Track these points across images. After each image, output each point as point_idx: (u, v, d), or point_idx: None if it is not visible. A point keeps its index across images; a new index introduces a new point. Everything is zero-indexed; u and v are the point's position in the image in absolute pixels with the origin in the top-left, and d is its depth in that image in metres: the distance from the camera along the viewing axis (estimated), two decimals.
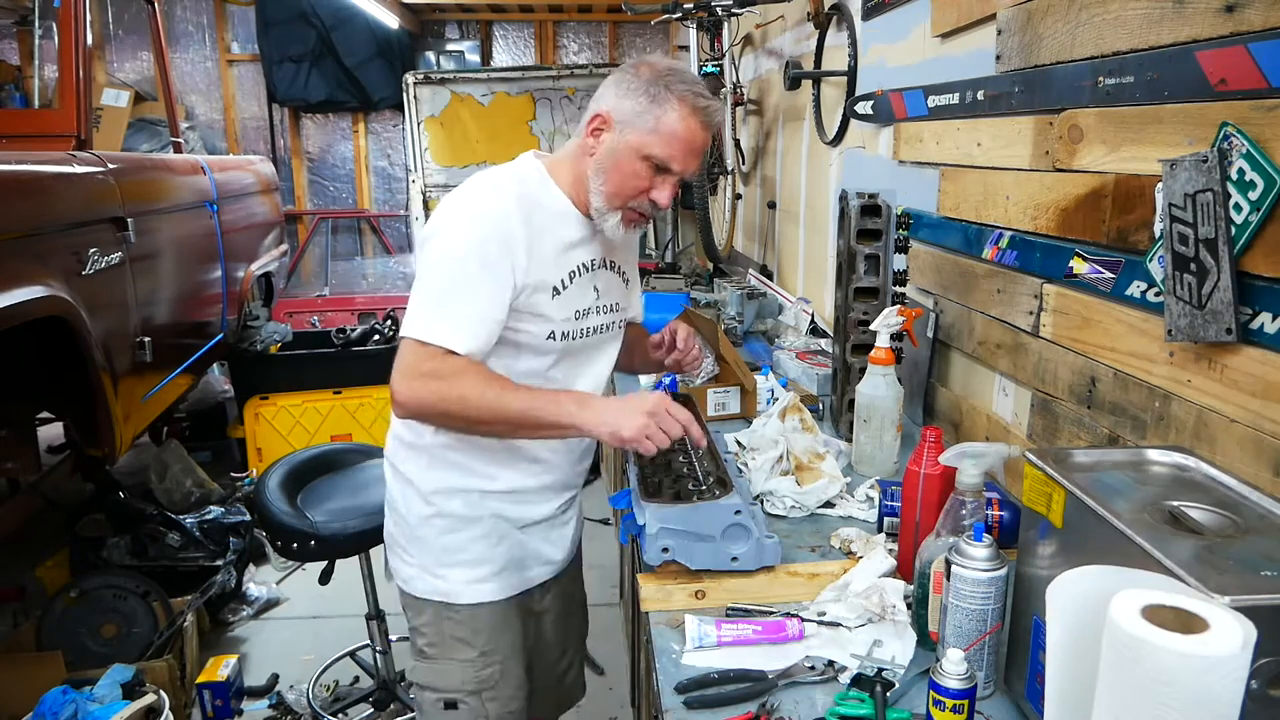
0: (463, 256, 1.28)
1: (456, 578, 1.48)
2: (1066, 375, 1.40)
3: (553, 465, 1.51)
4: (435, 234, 1.32)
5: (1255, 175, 0.99)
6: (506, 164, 1.43)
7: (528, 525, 1.52)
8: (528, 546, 1.53)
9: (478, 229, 1.30)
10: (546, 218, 1.36)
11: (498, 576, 1.49)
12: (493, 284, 1.29)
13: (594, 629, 3.06)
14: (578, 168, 1.38)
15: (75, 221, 2.39)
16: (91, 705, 2.18)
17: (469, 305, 1.28)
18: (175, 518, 3.20)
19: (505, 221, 1.30)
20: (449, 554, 1.47)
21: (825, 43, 2.80)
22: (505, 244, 1.29)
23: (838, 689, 1.05)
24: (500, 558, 1.49)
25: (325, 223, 6.52)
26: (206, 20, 6.24)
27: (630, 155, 1.32)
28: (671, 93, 1.30)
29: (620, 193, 1.35)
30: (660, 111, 1.30)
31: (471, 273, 1.28)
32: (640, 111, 1.31)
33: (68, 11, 2.73)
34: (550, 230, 1.36)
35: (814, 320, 2.65)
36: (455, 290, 1.28)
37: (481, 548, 1.47)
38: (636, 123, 1.31)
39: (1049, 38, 1.41)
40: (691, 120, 1.31)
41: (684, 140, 1.32)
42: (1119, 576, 0.71)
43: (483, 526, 1.47)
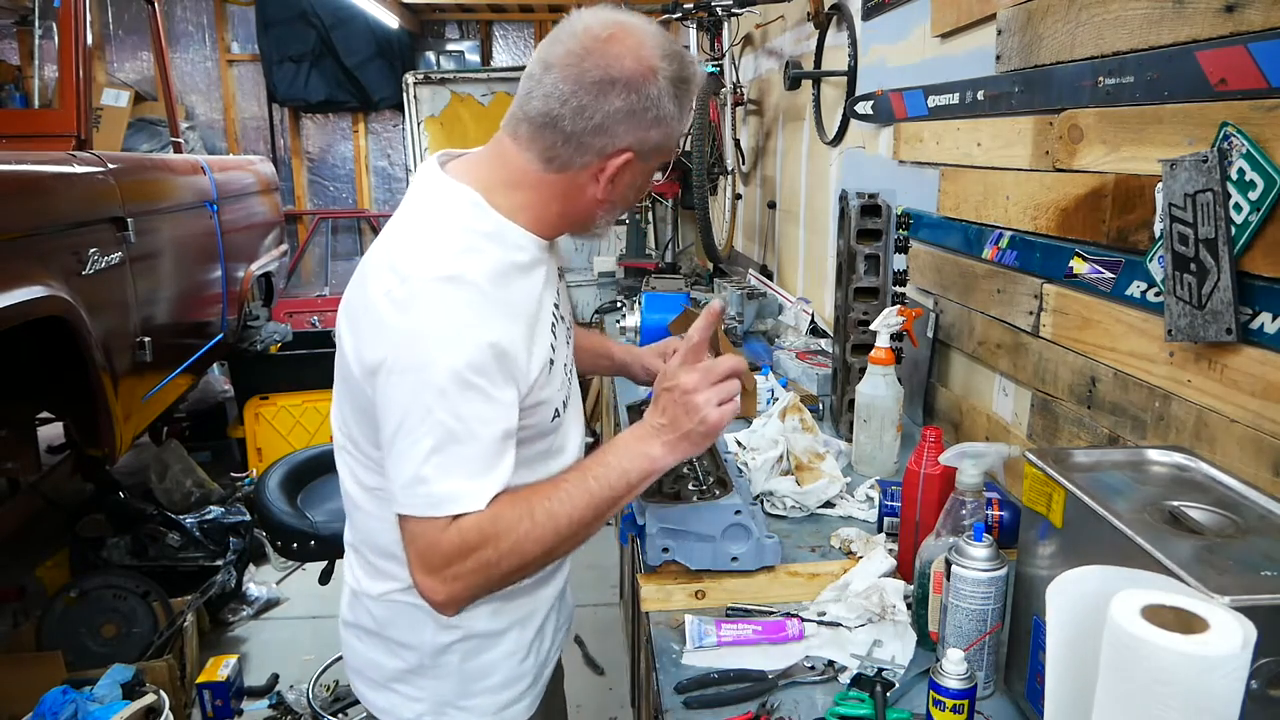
0: (443, 390, 0.95)
1: (485, 706, 1.18)
2: (1066, 375, 1.40)
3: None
4: (394, 366, 0.96)
5: (1255, 175, 0.99)
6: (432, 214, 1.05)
7: (549, 611, 1.25)
8: (549, 632, 1.26)
9: (455, 347, 0.95)
10: (524, 280, 1.06)
11: (531, 689, 1.22)
12: (493, 406, 0.98)
13: (594, 629, 3.08)
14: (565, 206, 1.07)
15: (75, 221, 2.40)
16: (91, 705, 2.18)
17: (476, 447, 0.97)
18: (175, 518, 3.20)
19: (485, 322, 0.97)
20: (474, 681, 1.16)
21: (825, 43, 2.80)
22: (495, 351, 0.97)
23: (838, 689, 1.05)
24: (530, 669, 1.21)
25: (325, 223, 6.52)
26: (206, 20, 6.24)
27: (649, 175, 1.12)
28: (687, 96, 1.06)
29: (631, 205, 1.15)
30: (683, 125, 1.08)
31: (464, 406, 0.95)
32: (668, 134, 1.06)
33: (68, 11, 2.73)
34: (532, 292, 1.07)
35: (814, 320, 2.64)
36: (451, 437, 0.95)
37: (512, 664, 1.18)
38: (663, 145, 1.06)
39: (1049, 38, 1.41)
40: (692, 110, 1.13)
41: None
42: (1119, 576, 0.71)
43: (510, 639, 1.18)
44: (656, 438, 1.07)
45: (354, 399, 1.06)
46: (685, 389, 1.06)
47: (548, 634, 1.26)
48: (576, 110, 1.00)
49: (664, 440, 1.07)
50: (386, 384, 0.97)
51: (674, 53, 1.03)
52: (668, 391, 1.08)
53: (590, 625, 3.08)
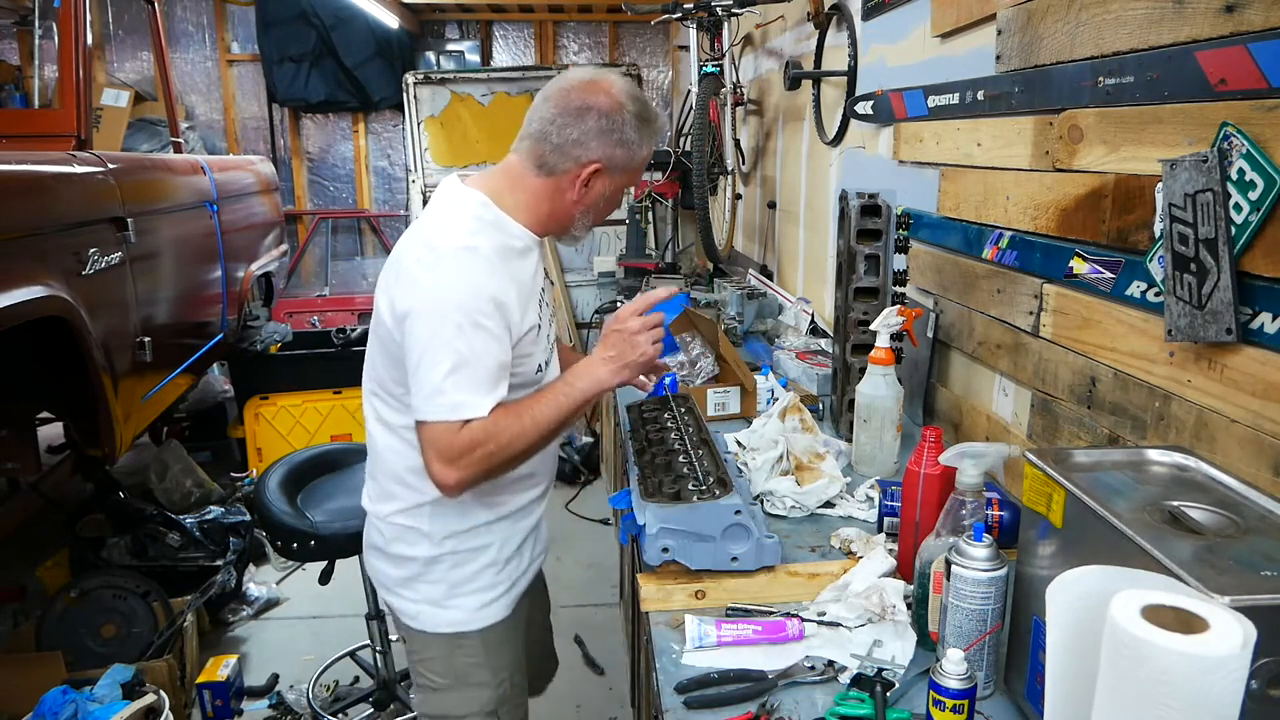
0: (460, 323, 1.27)
1: (467, 605, 1.48)
2: (1066, 375, 1.40)
3: (541, 474, 1.55)
4: (422, 310, 1.29)
5: (1255, 175, 0.99)
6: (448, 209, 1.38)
7: (525, 538, 1.55)
8: (525, 556, 1.57)
9: (469, 295, 1.28)
10: (519, 260, 1.39)
11: (505, 596, 1.52)
12: (496, 341, 1.31)
13: (594, 629, 3.08)
14: (552, 206, 1.40)
15: (75, 221, 2.39)
16: (91, 705, 2.18)
17: (482, 370, 1.29)
18: (175, 518, 3.20)
19: (491, 280, 1.30)
20: (459, 586, 1.48)
21: (825, 43, 2.80)
22: (497, 303, 1.30)
23: (838, 689, 1.05)
24: (506, 579, 1.52)
25: (325, 223, 6.51)
26: (206, 20, 6.23)
27: (618, 191, 1.45)
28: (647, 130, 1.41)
29: (605, 216, 1.49)
30: (644, 152, 1.42)
31: (475, 340, 1.28)
32: (630, 157, 1.39)
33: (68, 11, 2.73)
34: (524, 270, 1.40)
35: (814, 320, 2.64)
36: (464, 361, 1.27)
37: (489, 575, 1.49)
38: (627, 165, 1.40)
39: (1049, 38, 1.41)
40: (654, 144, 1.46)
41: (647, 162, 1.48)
42: (1119, 576, 0.71)
43: (490, 554, 1.49)
44: (605, 366, 1.41)
45: (385, 349, 1.37)
46: (631, 330, 1.41)
47: (525, 555, 1.56)
48: (561, 128, 1.35)
49: (610, 368, 1.41)
50: (416, 324, 1.29)
51: (639, 98, 1.40)
52: (616, 332, 1.42)
53: (590, 625, 3.08)
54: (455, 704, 1.52)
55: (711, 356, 2.13)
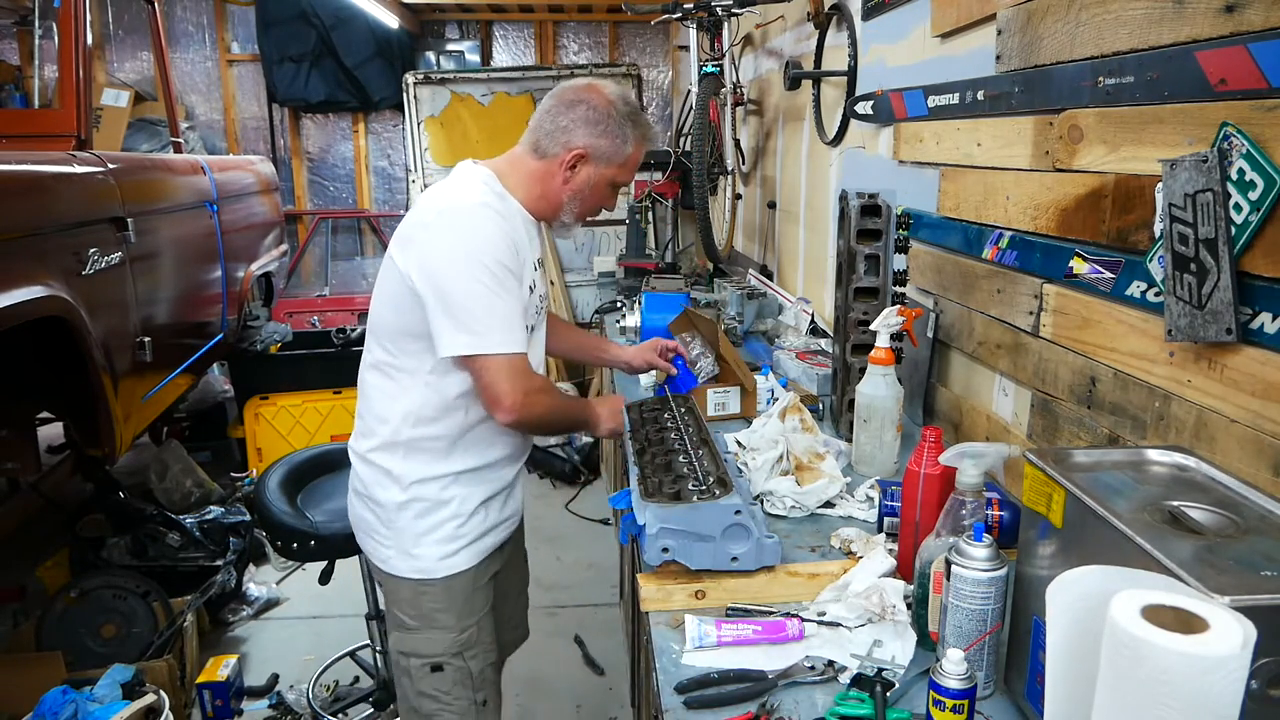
0: (492, 268, 1.44)
1: (430, 555, 1.60)
2: (1066, 375, 1.40)
3: (511, 440, 1.67)
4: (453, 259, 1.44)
5: (1255, 175, 0.99)
6: (461, 179, 1.56)
7: (491, 498, 1.66)
8: (492, 517, 1.67)
9: (496, 243, 1.46)
10: (516, 226, 1.55)
11: (468, 549, 1.63)
12: (519, 284, 1.51)
13: (594, 629, 3.08)
14: (544, 189, 1.58)
15: (75, 221, 2.39)
16: (91, 705, 2.18)
17: (516, 309, 1.49)
18: (175, 518, 3.20)
19: (508, 232, 1.49)
20: (423, 535, 1.60)
21: (825, 43, 2.80)
22: (514, 251, 1.49)
23: (838, 689, 1.05)
24: (469, 533, 1.63)
25: (325, 223, 6.52)
26: (206, 20, 6.24)
27: (604, 184, 1.59)
28: (636, 130, 1.57)
29: (588, 210, 1.63)
30: (630, 149, 1.57)
31: (504, 280, 1.46)
32: (615, 150, 1.56)
33: (68, 11, 2.73)
34: (521, 236, 1.56)
35: (814, 320, 2.64)
36: (503, 300, 1.45)
37: (452, 526, 1.61)
38: (612, 158, 1.56)
39: (1049, 38, 1.41)
40: (644, 147, 1.61)
41: (637, 166, 1.63)
42: (1119, 576, 0.71)
43: (452, 507, 1.60)
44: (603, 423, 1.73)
45: (395, 300, 1.51)
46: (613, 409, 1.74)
47: (491, 513, 1.67)
48: (555, 116, 1.55)
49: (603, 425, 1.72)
50: (450, 274, 1.43)
51: (631, 103, 1.58)
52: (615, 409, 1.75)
53: (590, 625, 3.08)
54: (423, 644, 1.64)
55: (711, 356, 2.13)
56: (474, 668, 1.67)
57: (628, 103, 1.57)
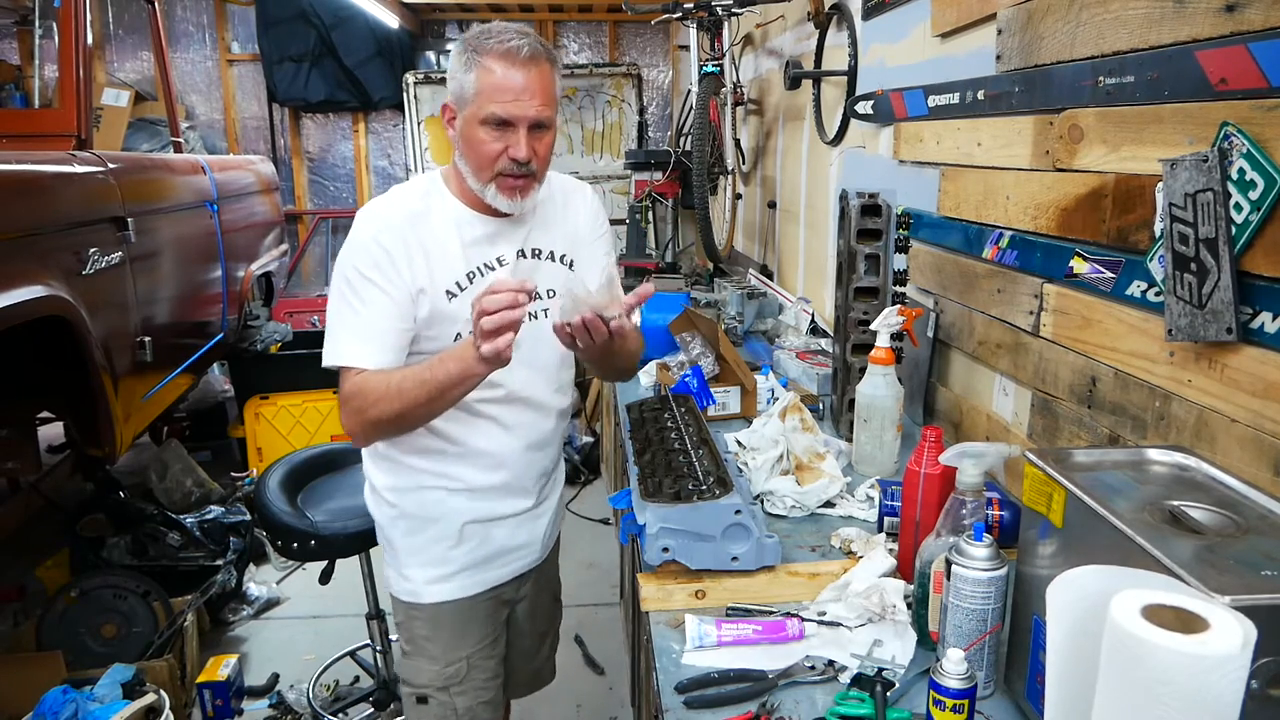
0: (350, 278, 1.37)
1: (418, 578, 1.54)
2: (1067, 375, 1.40)
3: (504, 458, 1.52)
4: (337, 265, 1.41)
5: (1255, 175, 0.99)
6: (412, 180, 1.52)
7: (493, 520, 1.55)
8: (495, 543, 1.57)
9: (360, 250, 1.37)
10: (433, 225, 1.41)
11: (458, 576, 1.54)
12: (382, 295, 1.36)
13: (594, 629, 3.08)
14: (458, 168, 1.42)
15: (75, 221, 2.39)
16: (91, 705, 2.18)
17: (366, 321, 1.36)
18: (175, 517, 3.20)
19: (384, 235, 1.36)
20: (411, 555, 1.54)
21: (825, 42, 2.80)
22: (387, 256, 1.36)
23: (838, 689, 1.05)
24: (460, 558, 1.54)
25: (325, 223, 6.51)
26: (206, 20, 6.23)
27: (472, 127, 1.35)
28: (477, 53, 1.33)
29: (481, 164, 1.37)
30: (475, 74, 1.33)
31: (361, 290, 1.36)
32: (463, 84, 1.34)
33: (68, 11, 2.73)
34: (439, 236, 1.41)
35: (814, 320, 2.64)
36: (352, 310, 1.36)
37: (440, 549, 1.53)
38: (465, 94, 1.35)
39: (1049, 37, 1.41)
40: (502, 64, 1.31)
41: (503, 87, 1.31)
42: (1119, 576, 0.71)
43: (441, 527, 1.52)
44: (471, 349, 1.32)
45: None
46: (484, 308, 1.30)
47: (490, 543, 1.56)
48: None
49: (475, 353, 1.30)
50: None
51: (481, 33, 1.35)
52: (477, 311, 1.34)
53: (590, 625, 3.08)
54: (411, 671, 1.58)
55: (711, 356, 2.13)
56: (460, 705, 1.57)
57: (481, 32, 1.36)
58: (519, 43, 1.32)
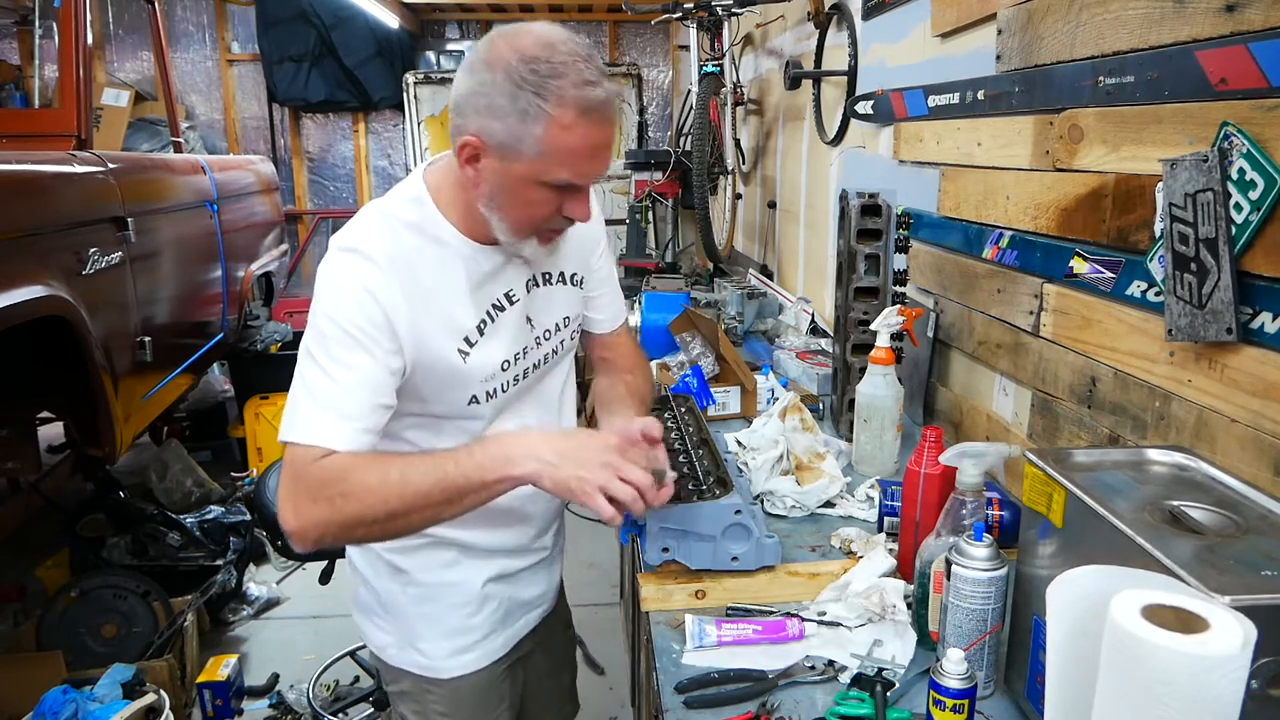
0: (326, 333, 1.09)
1: (435, 651, 1.32)
2: (1067, 375, 1.40)
3: (537, 516, 1.38)
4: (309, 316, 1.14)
5: (1256, 175, 0.99)
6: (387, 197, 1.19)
7: (509, 576, 1.37)
8: (513, 599, 1.39)
9: (344, 300, 1.09)
10: (432, 268, 1.14)
11: (481, 644, 1.35)
12: (370, 361, 1.09)
13: (594, 629, 3.07)
14: (466, 198, 1.13)
15: (75, 221, 2.40)
16: (91, 705, 2.18)
17: (344, 390, 1.08)
18: (175, 517, 3.20)
19: (376, 284, 1.09)
20: (425, 625, 1.32)
21: (825, 42, 2.80)
22: (380, 311, 1.09)
23: (838, 689, 1.05)
24: (483, 625, 1.35)
25: (325, 223, 6.51)
26: (206, 20, 6.24)
27: (523, 186, 1.08)
28: (544, 100, 1.01)
29: (528, 224, 1.12)
30: (539, 130, 1.02)
31: (341, 351, 1.08)
32: (516, 135, 1.03)
33: (68, 11, 2.73)
34: (442, 280, 1.15)
35: (814, 320, 2.64)
36: (326, 376, 1.08)
37: (459, 617, 1.32)
38: (519, 148, 1.04)
39: (1049, 37, 1.41)
40: (584, 122, 1.03)
41: (582, 152, 1.05)
42: (1119, 576, 0.71)
43: (460, 593, 1.32)
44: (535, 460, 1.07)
45: None
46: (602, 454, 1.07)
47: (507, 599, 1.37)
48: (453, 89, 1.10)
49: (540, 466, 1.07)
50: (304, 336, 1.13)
51: (536, 58, 1.01)
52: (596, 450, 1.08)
53: (590, 625, 3.08)
54: None
55: (711, 356, 2.13)
56: None
57: (537, 57, 1.01)
58: (599, 93, 1.03)
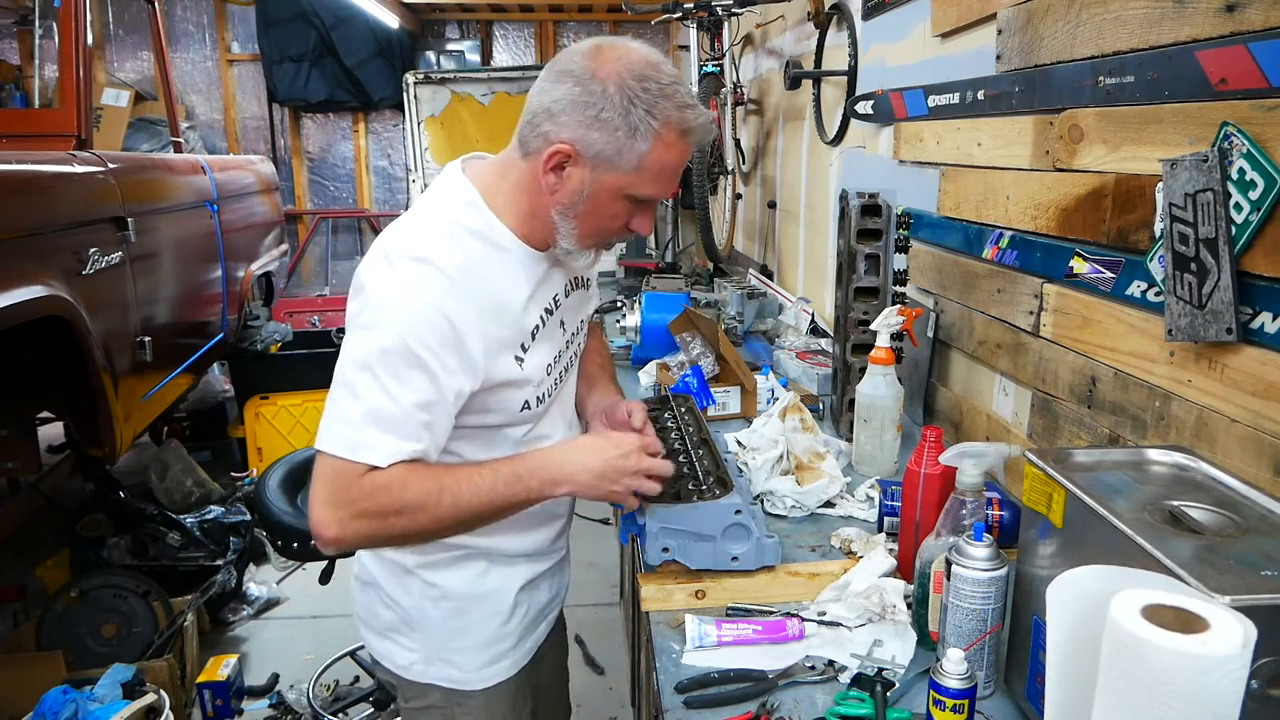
0: (388, 350, 1.06)
1: (468, 663, 1.31)
2: (1067, 375, 1.40)
3: (564, 516, 1.42)
4: (356, 317, 1.10)
5: (1255, 175, 0.99)
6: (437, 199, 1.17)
7: (537, 581, 1.38)
8: (539, 604, 1.40)
9: (406, 316, 1.07)
10: (502, 279, 1.15)
11: (513, 651, 1.35)
12: (429, 383, 1.07)
13: (594, 629, 3.07)
14: (531, 203, 1.14)
15: (75, 221, 2.40)
16: (91, 705, 2.18)
17: (401, 410, 1.06)
18: (175, 517, 3.21)
19: (444, 303, 1.07)
20: (457, 637, 1.30)
21: (825, 42, 2.80)
22: (445, 331, 1.07)
23: (838, 689, 1.05)
24: (514, 632, 1.34)
25: (325, 223, 6.52)
26: (206, 20, 6.24)
27: (609, 198, 1.11)
28: (655, 118, 1.05)
29: (598, 234, 1.16)
30: (645, 146, 1.06)
31: (401, 371, 1.06)
32: (619, 149, 1.06)
33: (68, 11, 2.73)
34: (509, 291, 1.16)
35: (814, 320, 2.64)
36: (383, 394, 1.06)
37: (493, 626, 1.31)
38: (616, 161, 1.07)
39: (1049, 37, 1.41)
40: (680, 145, 1.09)
41: (673, 170, 1.11)
42: (1119, 576, 0.71)
43: (492, 603, 1.31)
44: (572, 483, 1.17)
45: None
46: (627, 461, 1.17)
47: (540, 595, 1.39)
48: (538, 94, 1.10)
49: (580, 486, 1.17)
50: (348, 337, 1.11)
51: (647, 77, 1.06)
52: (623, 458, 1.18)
53: (590, 625, 3.08)
54: None
55: (711, 356, 2.13)
56: None
57: (645, 78, 1.05)
58: (701, 117, 1.10)
